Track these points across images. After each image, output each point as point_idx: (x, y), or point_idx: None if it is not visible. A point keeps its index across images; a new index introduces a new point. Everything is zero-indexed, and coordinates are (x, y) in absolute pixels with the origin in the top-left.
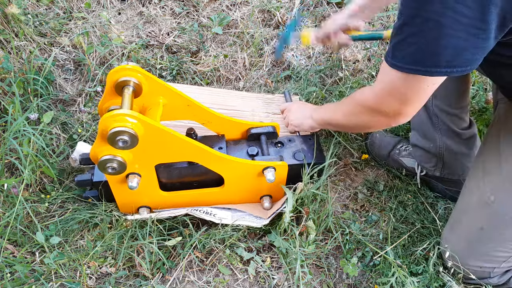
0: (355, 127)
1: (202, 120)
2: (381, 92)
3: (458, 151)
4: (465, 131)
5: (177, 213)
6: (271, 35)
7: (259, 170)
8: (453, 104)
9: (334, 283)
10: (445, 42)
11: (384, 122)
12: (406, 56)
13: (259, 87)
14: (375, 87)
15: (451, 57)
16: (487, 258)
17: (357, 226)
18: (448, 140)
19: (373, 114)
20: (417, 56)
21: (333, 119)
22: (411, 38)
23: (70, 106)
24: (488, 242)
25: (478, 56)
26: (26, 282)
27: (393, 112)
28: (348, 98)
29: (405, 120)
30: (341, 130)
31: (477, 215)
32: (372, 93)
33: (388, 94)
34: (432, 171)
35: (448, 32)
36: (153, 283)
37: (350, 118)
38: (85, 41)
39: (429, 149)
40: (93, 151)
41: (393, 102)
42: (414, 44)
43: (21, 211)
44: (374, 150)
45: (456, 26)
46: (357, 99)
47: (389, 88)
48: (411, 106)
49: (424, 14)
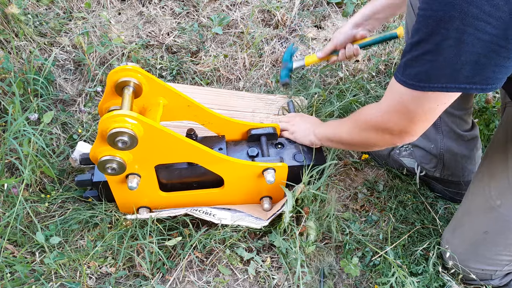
0: (358, 144)
1: (202, 121)
2: (388, 109)
3: (459, 153)
4: (467, 132)
5: (177, 213)
6: (271, 35)
7: (259, 171)
8: (458, 107)
9: (334, 283)
10: (464, 58)
11: (389, 140)
12: (420, 73)
13: (259, 87)
14: (382, 104)
15: (471, 72)
16: (490, 261)
17: (357, 226)
18: (449, 142)
19: (378, 132)
20: (433, 73)
21: (336, 136)
22: (428, 55)
23: (70, 106)
24: (492, 246)
25: (500, 75)
26: (26, 282)
27: (399, 130)
28: (352, 115)
29: (412, 139)
30: (344, 147)
31: (481, 219)
32: (379, 110)
33: (396, 111)
34: (432, 172)
35: (468, 49)
36: (153, 283)
37: (354, 135)
38: (85, 41)
39: (430, 150)
40: (93, 152)
41: (401, 120)
42: (430, 62)
43: (21, 211)
44: (374, 151)
45: (477, 43)
46: (362, 115)
47: (397, 106)
48: (420, 125)
49: (444, 31)
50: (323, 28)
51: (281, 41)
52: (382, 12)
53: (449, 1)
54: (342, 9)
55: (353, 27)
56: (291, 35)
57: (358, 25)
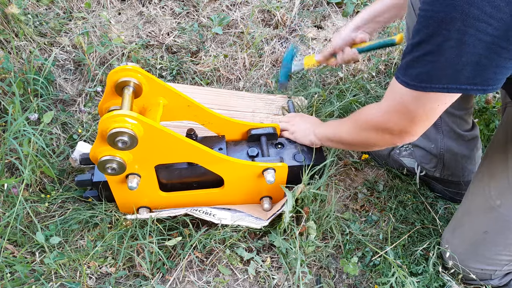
0: (358, 144)
1: (202, 121)
2: (389, 109)
3: (459, 153)
4: (467, 132)
5: (177, 213)
6: (271, 35)
7: (259, 171)
8: (458, 107)
9: (334, 283)
10: (465, 59)
11: (390, 140)
12: (421, 74)
13: (259, 87)
14: (382, 104)
15: (472, 73)
16: (490, 261)
17: (357, 226)
18: (450, 142)
19: (378, 132)
20: (434, 74)
21: (336, 136)
22: (429, 56)
23: (70, 106)
24: (492, 246)
25: (500, 76)
26: (26, 282)
27: (399, 130)
28: (352, 115)
29: (412, 139)
30: (344, 147)
31: (481, 219)
32: (379, 110)
33: (396, 112)
34: (432, 172)
35: (469, 50)
36: (153, 283)
37: (354, 135)
38: (85, 41)
39: (430, 149)
40: (93, 152)
41: (401, 120)
42: (432, 62)
43: (21, 211)
44: (374, 151)
45: (478, 44)
46: (362, 115)
47: (397, 106)
48: (420, 125)
49: (445, 32)
50: (323, 28)
51: (281, 41)
52: (386, 12)
53: (451, 2)
54: (342, 9)
55: (352, 30)
56: (291, 35)
57: (358, 28)
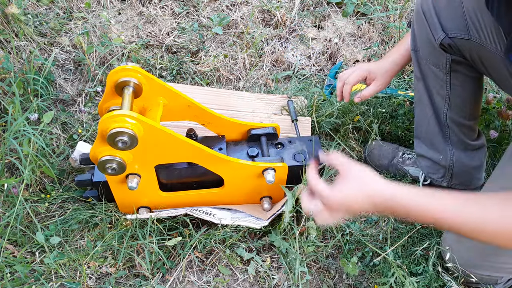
0: None
1: (202, 121)
2: None
3: (468, 163)
4: (475, 142)
5: (177, 213)
6: (271, 35)
7: (259, 172)
8: (468, 116)
9: (334, 283)
10: None
11: None
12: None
13: (259, 87)
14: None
15: None
16: (499, 269)
17: (357, 226)
18: (458, 152)
19: None
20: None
21: (478, 225)
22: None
23: (70, 106)
24: (502, 255)
25: None
26: (26, 282)
27: None
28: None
29: None
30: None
31: None
32: None
33: None
34: (439, 182)
35: None
36: (153, 283)
37: None
38: (85, 41)
39: (439, 161)
40: (93, 152)
41: None
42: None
43: (21, 211)
44: (374, 161)
45: None
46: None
47: None
48: None
49: None
50: (323, 28)
51: (281, 41)
52: None
53: None
54: (342, 9)
55: None
56: (291, 35)
57: None
